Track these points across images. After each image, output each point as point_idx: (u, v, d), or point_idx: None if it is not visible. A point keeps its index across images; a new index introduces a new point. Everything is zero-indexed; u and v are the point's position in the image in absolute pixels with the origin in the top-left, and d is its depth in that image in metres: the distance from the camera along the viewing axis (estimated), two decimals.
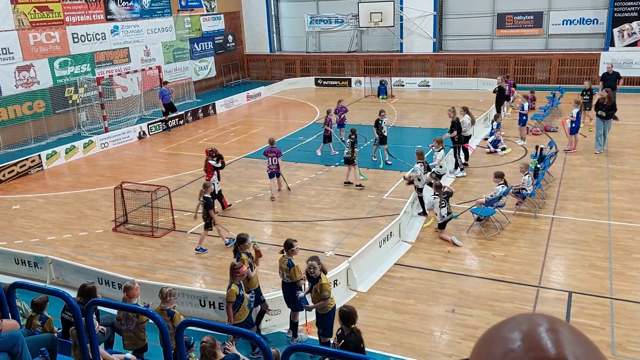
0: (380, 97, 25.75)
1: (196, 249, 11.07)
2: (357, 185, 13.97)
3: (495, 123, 17.12)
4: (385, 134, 15.87)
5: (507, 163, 15.51)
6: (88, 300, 7.03)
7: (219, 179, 13.08)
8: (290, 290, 7.92)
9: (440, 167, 12.99)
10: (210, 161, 12.94)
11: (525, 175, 12.02)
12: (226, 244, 11.17)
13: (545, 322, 0.87)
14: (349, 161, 13.83)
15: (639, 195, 12.64)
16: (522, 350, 0.83)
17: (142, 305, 7.13)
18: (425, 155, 12.44)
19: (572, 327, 0.89)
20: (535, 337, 0.84)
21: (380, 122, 15.72)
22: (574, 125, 15.77)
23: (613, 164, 14.87)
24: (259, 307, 8.19)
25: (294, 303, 7.92)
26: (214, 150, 13.25)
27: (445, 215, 10.74)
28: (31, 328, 7.05)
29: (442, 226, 10.86)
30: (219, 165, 13.02)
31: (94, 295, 7.16)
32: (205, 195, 10.79)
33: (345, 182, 14.18)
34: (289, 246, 7.92)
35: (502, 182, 11.50)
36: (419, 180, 11.99)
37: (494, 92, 19.39)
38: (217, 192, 12.43)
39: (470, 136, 15.54)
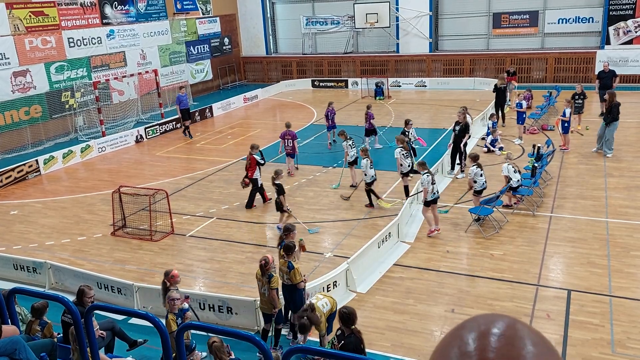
0: (377, 98, 25.75)
1: (277, 227, 11.63)
2: (351, 186, 14.01)
3: (490, 122, 17.16)
4: (414, 145, 14.43)
5: (505, 162, 15.52)
6: (80, 301, 7.04)
7: (260, 174, 13.38)
8: (290, 292, 7.95)
9: (401, 165, 12.90)
10: (255, 155, 13.15)
11: (506, 163, 12.12)
12: (278, 227, 11.53)
13: (484, 326, 0.89)
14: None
15: (636, 193, 12.68)
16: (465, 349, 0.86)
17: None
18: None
19: (517, 327, 0.89)
20: (481, 339, 0.87)
21: (407, 133, 14.59)
22: (566, 125, 15.77)
23: (610, 161, 14.90)
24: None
25: (294, 305, 7.95)
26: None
27: (437, 193, 11.10)
28: (30, 333, 7.04)
29: (427, 204, 11.09)
30: (263, 162, 13.33)
31: (82, 298, 7.17)
32: (276, 182, 11.51)
33: (352, 186, 14.05)
34: (288, 249, 7.95)
35: (474, 164, 11.64)
36: (365, 175, 12.58)
37: (494, 91, 19.53)
38: (259, 186, 13.30)
39: (469, 137, 15.41)
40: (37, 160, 17.49)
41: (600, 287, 8.91)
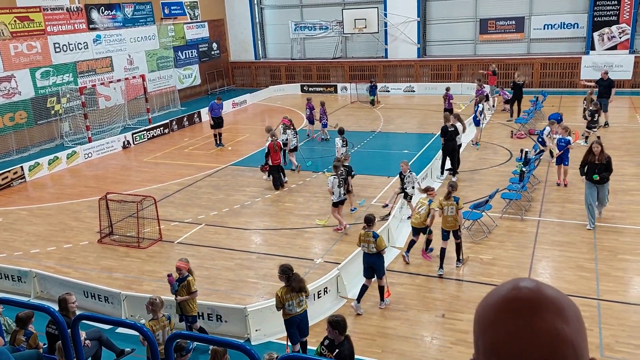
0: (372, 97, 25.21)
1: (351, 210, 12.77)
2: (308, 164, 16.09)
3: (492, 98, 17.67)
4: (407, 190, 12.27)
5: (493, 167, 15.63)
6: (64, 309, 6.93)
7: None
8: (375, 259, 8.65)
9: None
10: (272, 142, 14.43)
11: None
12: (352, 210, 12.78)
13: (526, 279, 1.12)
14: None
15: (623, 197, 12.80)
16: (506, 291, 1.10)
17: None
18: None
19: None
20: (516, 282, 1.11)
21: (403, 176, 12.25)
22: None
23: None
24: None
25: (379, 271, 8.71)
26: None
27: (342, 195, 11.62)
28: (15, 344, 6.90)
29: (335, 205, 11.65)
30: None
31: (64, 305, 7.06)
32: (344, 164, 12.38)
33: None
34: (370, 220, 8.69)
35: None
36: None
37: (511, 88, 20.76)
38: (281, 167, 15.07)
39: (460, 145, 15.31)
40: (22, 167, 17.24)
41: (589, 291, 8.96)
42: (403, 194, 12.28)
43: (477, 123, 17.68)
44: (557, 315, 1.03)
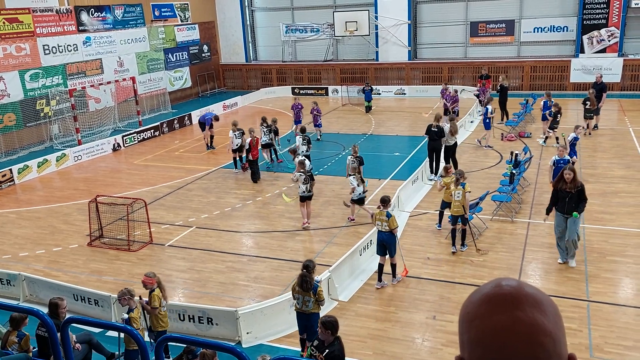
0: (367, 103, 24.47)
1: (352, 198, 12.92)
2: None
3: (489, 108, 17.46)
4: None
5: (484, 169, 15.71)
6: (54, 314, 6.87)
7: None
8: (387, 237, 9.25)
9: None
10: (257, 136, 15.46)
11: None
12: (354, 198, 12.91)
13: (509, 279, 1.20)
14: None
15: (612, 199, 12.92)
16: (489, 289, 1.16)
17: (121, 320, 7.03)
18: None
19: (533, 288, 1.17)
20: (498, 281, 1.18)
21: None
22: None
23: (585, 167, 15.16)
24: None
25: (390, 249, 9.31)
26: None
27: (306, 192, 12.10)
28: (7, 345, 6.83)
29: (302, 199, 12.19)
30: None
31: (55, 310, 7.00)
32: (357, 155, 13.04)
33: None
34: (384, 201, 9.33)
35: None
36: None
37: (497, 91, 20.80)
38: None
39: (455, 144, 15.35)
40: (11, 170, 17.08)
41: (578, 292, 9.03)
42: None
43: (487, 125, 17.57)
44: (536, 309, 1.11)
